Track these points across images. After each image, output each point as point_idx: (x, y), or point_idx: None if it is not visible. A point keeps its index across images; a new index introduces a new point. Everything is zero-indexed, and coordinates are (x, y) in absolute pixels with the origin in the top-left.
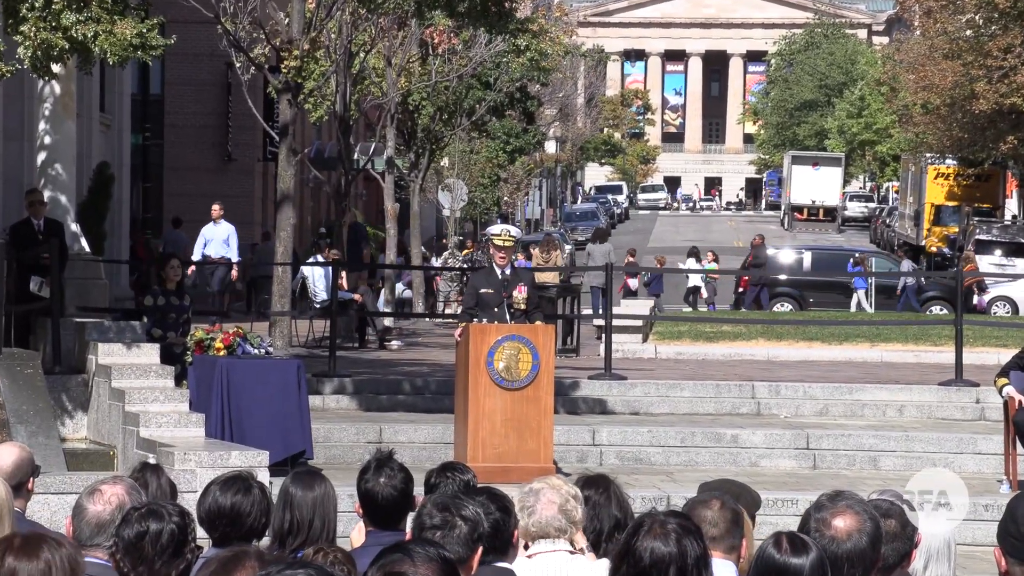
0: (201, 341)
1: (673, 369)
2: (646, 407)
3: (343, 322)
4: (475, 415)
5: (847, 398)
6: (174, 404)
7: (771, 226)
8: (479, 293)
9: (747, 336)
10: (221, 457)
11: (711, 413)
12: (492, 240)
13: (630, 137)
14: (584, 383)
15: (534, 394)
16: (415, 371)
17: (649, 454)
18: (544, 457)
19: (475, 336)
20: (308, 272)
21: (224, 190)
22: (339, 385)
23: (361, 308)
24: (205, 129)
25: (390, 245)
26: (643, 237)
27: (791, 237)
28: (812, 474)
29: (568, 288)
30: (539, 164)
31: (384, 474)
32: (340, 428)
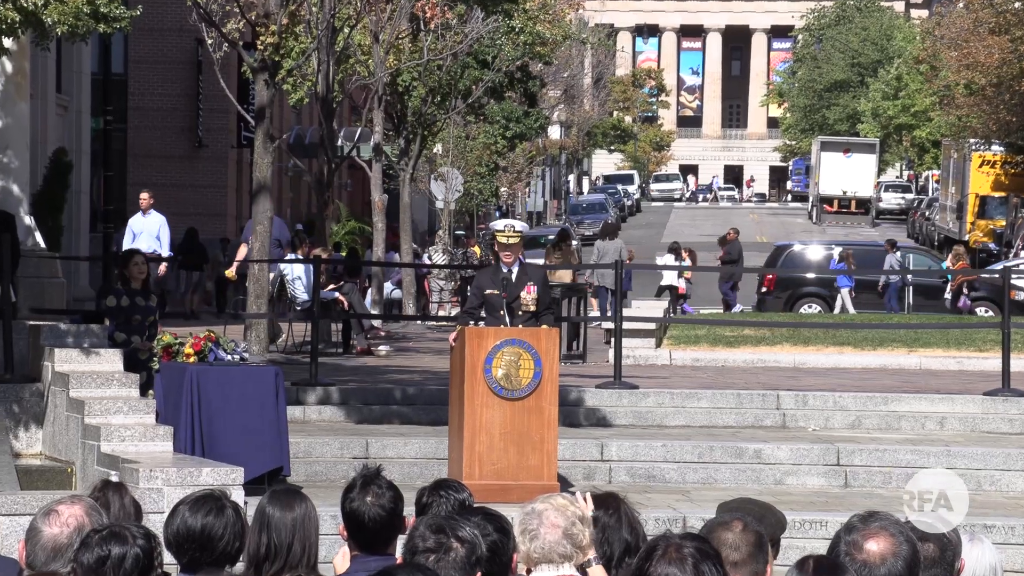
0: (169, 346)
1: (689, 377)
2: (660, 419)
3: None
4: (471, 428)
5: (882, 409)
6: (139, 416)
7: (798, 219)
8: (485, 294)
9: (771, 340)
10: (191, 474)
11: (731, 425)
12: (496, 237)
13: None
14: (591, 392)
15: (536, 404)
16: (405, 379)
17: (663, 471)
18: (547, 474)
19: (471, 340)
20: (287, 270)
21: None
22: (321, 394)
23: (346, 310)
24: (173, 112)
25: (378, 240)
26: (656, 232)
27: (820, 231)
28: (843, 493)
29: (574, 288)
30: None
31: (371, 492)
32: (322, 442)
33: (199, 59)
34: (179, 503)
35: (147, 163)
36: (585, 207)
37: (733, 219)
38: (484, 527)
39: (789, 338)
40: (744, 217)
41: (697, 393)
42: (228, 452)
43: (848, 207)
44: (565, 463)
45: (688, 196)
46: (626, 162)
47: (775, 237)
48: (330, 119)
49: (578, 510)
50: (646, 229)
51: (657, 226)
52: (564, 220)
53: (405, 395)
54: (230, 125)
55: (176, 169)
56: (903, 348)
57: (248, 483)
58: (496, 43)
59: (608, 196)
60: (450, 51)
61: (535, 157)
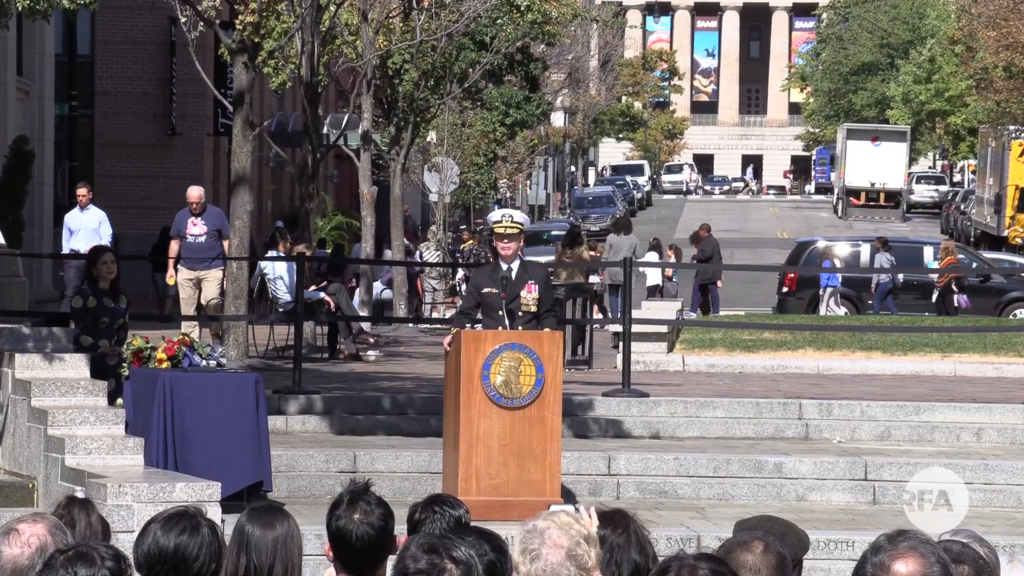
0: (140, 351)
1: (704, 384)
2: (672, 429)
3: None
4: (468, 439)
5: (913, 419)
6: (107, 426)
7: (822, 213)
8: (482, 293)
9: (793, 345)
10: (163, 490)
11: (750, 437)
12: (494, 229)
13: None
14: (598, 401)
15: (538, 414)
16: (396, 386)
17: (676, 486)
18: (550, 489)
19: (468, 345)
20: (268, 268)
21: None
22: (305, 403)
23: (332, 312)
24: (144, 97)
25: (366, 236)
26: (668, 227)
27: (846, 226)
28: (871, 510)
29: (579, 288)
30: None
31: (359, 509)
32: (306, 454)
33: (172, 39)
34: (150, 521)
35: (115, 152)
36: (591, 200)
37: (752, 213)
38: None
39: (812, 342)
40: (763, 211)
41: (712, 402)
42: (204, 466)
43: (876, 200)
44: (569, 477)
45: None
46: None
47: (797, 233)
48: (315, 105)
49: (583, 528)
50: (657, 224)
51: (669, 220)
52: (568, 214)
53: (396, 404)
54: (206, 111)
55: (147, 159)
56: (936, 353)
57: (225, 499)
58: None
59: (616, 188)
60: (445, 31)
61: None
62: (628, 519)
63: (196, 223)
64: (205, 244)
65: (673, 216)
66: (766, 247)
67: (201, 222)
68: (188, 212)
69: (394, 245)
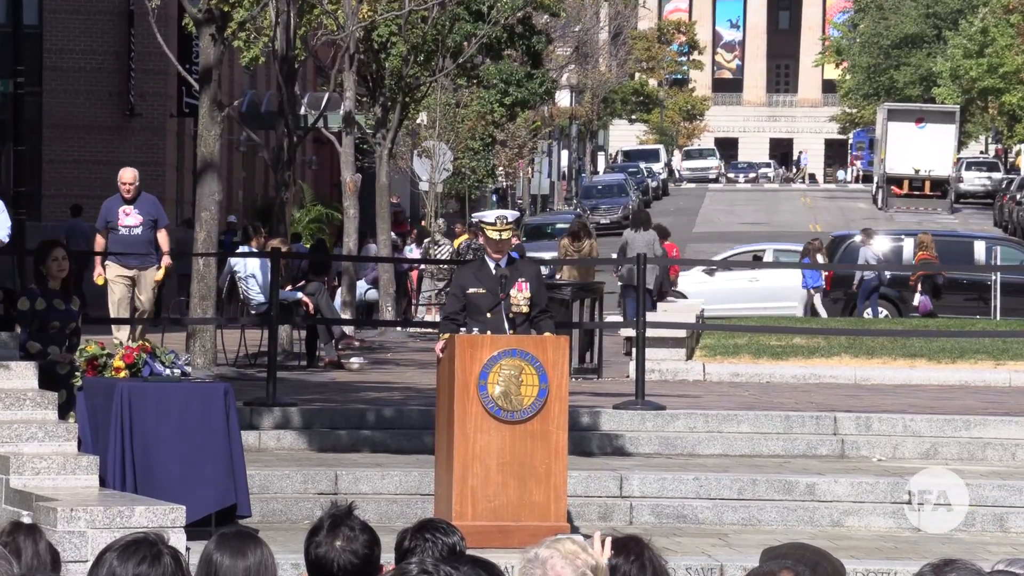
0: (94, 358)
1: (728, 395)
2: (691, 446)
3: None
4: (463, 457)
5: (962, 435)
6: (57, 443)
7: (860, 204)
8: (467, 294)
9: (827, 351)
10: (121, 514)
11: (779, 455)
12: (485, 232)
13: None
14: (608, 414)
15: (541, 428)
16: (383, 398)
17: (696, 509)
18: (555, 513)
19: (463, 351)
20: (239, 266)
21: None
22: (281, 417)
23: (311, 315)
24: (98, 73)
25: (349, 230)
26: (686, 219)
27: (886, 218)
28: (915, 537)
29: (587, 287)
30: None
31: (341, 536)
32: (282, 474)
33: (131, 8)
34: (106, 549)
35: (66, 135)
36: (600, 190)
37: (781, 204)
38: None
39: (849, 348)
40: (793, 201)
41: (737, 415)
42: (167, 487)
43: (921, 189)
44: (576, 500)
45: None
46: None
47: (832, 226)
48: (291, 83)
49: (590, 558)
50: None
51: (688, 212)
52: (575, 205)
53: (382, 417)
54: (168, 90)
55: (102, 143)
56: (989, 361)
57: (191, 525)
58: None
59: (628, 176)
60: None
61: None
62: (643, 546)
63: (129, 212)
64: (141, 236)
65: (692, 207)
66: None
67: (135, 211)
68: (119, 199)
69: (380, 240)
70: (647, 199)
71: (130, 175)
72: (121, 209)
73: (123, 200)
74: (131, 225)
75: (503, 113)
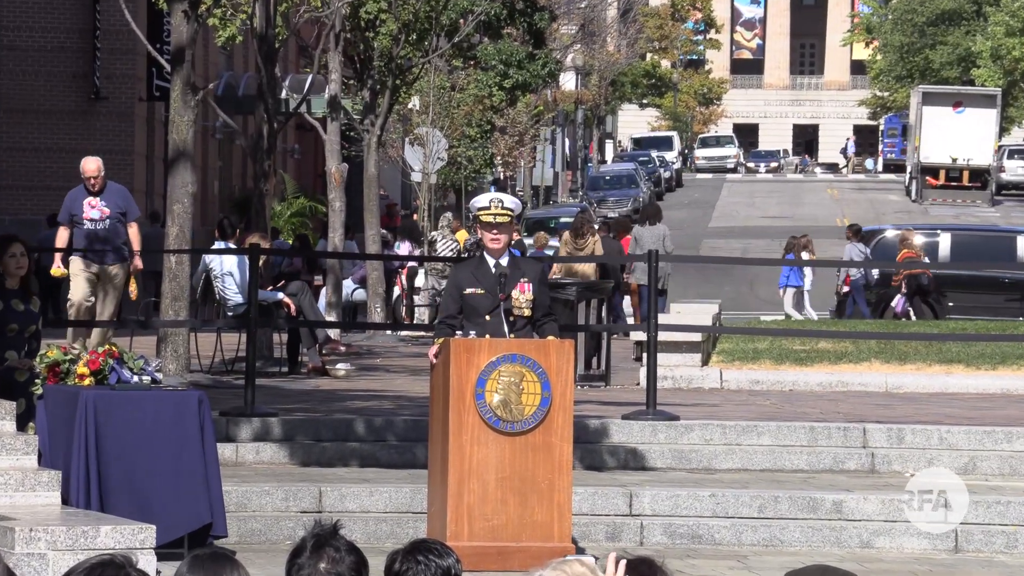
0: (56, 364)
1: (747, 404)
2: (707, 460)
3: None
4: (458, 471)
5: (1004, 448)
6: (15, 457)
7: (892, 196)
8: (463, 295)
9: (855, 356)
10: (85, 534)
11: (803, 469)
12: (480, 218)
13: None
14: (617, 425)
15: (544, 441)
16: (371, 407)
17: (712, 529)
18: (559, 532)
19: (458, 357)
20: (214, 264)
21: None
22: (260, 428)
23: (293, 317)
24: (60, 53)
25: (334, 224)
26: (703, 213)
27: (921, 211)
28: (952, 560)
29: (594, 287)
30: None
31: (325, 557)
32: (261, 490)
33: None
34: (69, 573)
35: (25, 120)
36: (609, 180)
37: (805, 196)
38: None
39: (880, 353)
40: (819, 193)
41: (757, 426)
42: (135, 505)
43: (959, 180)
44: (583, 518)
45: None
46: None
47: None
48: (271, 64)
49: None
50: (689, 209)
51: (704, 205)
52: (581, 197)
53: (371, 428)
54: (137, 71)
55: (65, 129)
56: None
57: (162, 546)
58: None
59: (639, 166)
60: None
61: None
62: (655, 569)
63: (95, 205)
64: (109, 230)
65: (708, 200)
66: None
67: (101, 203)
68: (83, 191)
69: (368, 235)
70: (659, 191)
71: (93, 165)
72: (86, 201)
73: (87, 192)
74: (96, 219)
75: (502, 97)
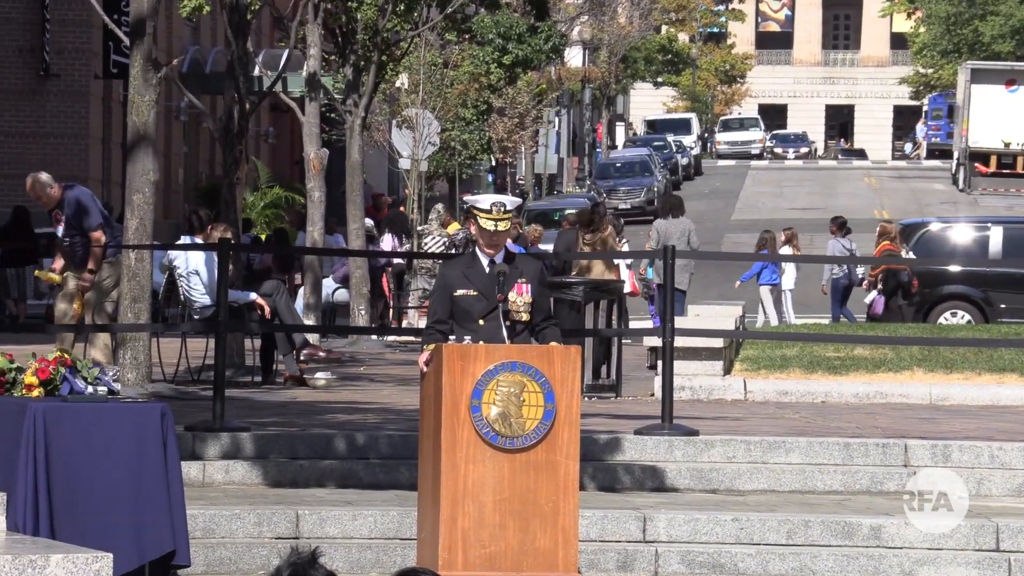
0: (1, 374)
1: (774, 418)
2: (730, 480)
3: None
4: (452, 492)
5: None
6: None
7: (937, 185)
8: (453, 297)
9: (896, 364)
10: (34, 564)
11: (837, 491)
12: (478, 220)
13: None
14: (629, 440)
15: (547, 458)
16: (355, 421)
17: (735, 557)
18: (564, 561)
19: (452, 364)
20: (179, 261)
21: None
22: (230, 444)
23: (267, 320)
24: (6, 26)
25: (314, 217)
26: (724, 204)
27: (970, 202)
28: None
29: (604, 287)
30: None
31: None
32: (231, 514)
33: None
34: None
35: None
36: (620, 168)
37: (840, 186)
38: None
39: (923, 361)
40: (855, 182)
41: (785, 442)
42: (90, 530)
43: (1012, 167)
44: (591, 545)
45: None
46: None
47: (902, 212)
48: (242, 37)
49: None
50: (710, 200)
51: (725, 195)
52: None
53: (354, 445)
54: (93, 46)
55: (11, 109)
56: None
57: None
58: None
59: (653, 151)
60: None
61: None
62: None
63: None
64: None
65: (731, 189)
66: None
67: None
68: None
69: (351, 229)
70: (675, 179)
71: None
72: (54, 215)
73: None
74: (62, 233)
75: (501, 75)
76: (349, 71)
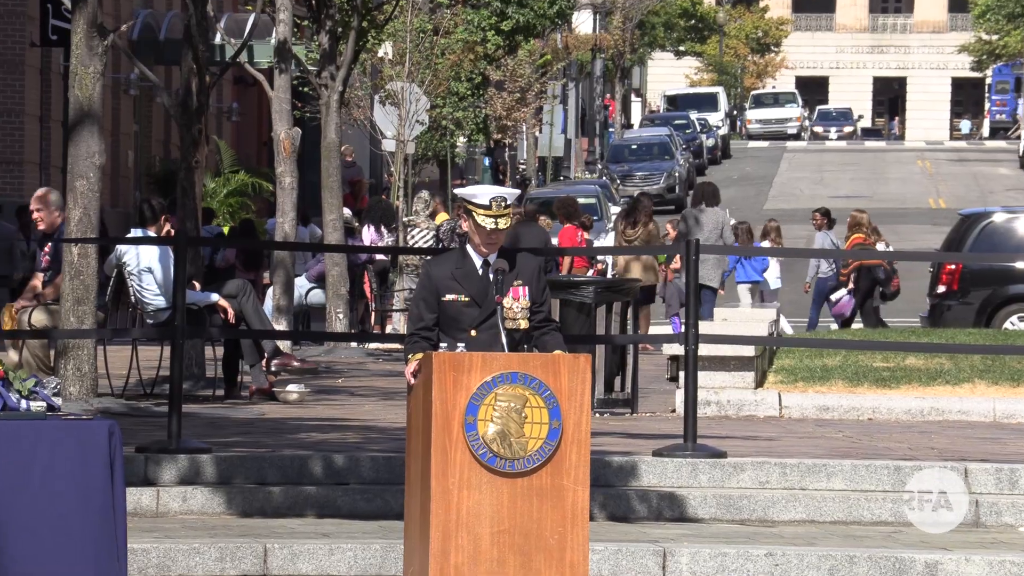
0: None
1: (813, 437)
2: (763, 509)
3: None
4: (443, 523)
5: None
6: None
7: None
8: (441, 302)
9: (954, 376)
10: None
11: (886, 521)
12: (474, 216)
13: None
14: (647, 463)
15: (553, 484)
16: (332, 440)
17: None
18: None
19: (443, 376)
20: (130, 257)
21: None
22: (188, 468)
23: (231, 324)
24: None
25: (284, 206)
26: (756, 191)
27: None
28: None
29: (617, 287)
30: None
31: None
32: (189, 548)
33: None
34: None
35: None
36: (636, 150)
37: (889, 170)
38: None
39: (985, 372)
40: (907, 166)
41: (827, 465)
42: (24, 569)
43: None
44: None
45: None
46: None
47: (960, 201)
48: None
49: None
50: (740, 186)
51: (758, 181)
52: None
53: (331, 469)
54: (29, 10)
55: None
56: None
57: None
58: None
59: (674, 131)
60: None
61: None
62: None
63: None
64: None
65: (764, 175)
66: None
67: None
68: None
69: (327, 220)
70: (700, 163)
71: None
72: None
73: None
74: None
75: (499, 43)
76: (325, 39)
